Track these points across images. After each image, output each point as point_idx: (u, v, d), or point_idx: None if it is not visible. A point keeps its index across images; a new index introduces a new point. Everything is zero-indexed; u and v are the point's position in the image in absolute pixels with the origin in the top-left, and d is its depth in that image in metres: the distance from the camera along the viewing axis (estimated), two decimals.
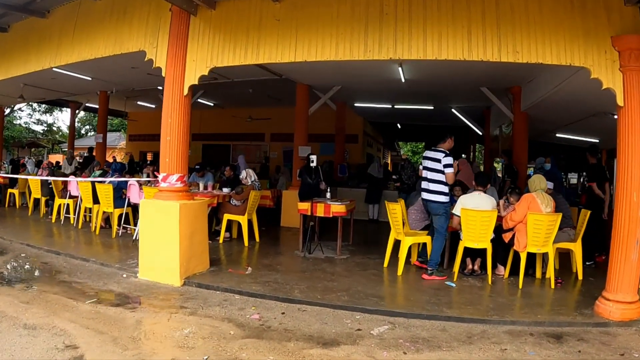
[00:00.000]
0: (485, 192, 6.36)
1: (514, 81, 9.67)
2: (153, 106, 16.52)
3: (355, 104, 13.44)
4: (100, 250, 7.14)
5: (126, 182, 7.88)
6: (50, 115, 28.63)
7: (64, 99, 15.94)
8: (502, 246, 6.24)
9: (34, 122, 27.61)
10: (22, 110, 26.53)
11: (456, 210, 6.17)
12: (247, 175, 7.86)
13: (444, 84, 9.76)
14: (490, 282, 5.90)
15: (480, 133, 14.14)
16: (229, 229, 7.96)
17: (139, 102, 16.03)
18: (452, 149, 6.25)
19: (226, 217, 7.62)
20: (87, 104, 16.07)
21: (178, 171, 5.62)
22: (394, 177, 13.63)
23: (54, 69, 10.09)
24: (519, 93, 10.04)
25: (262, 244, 7.90)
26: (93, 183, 8.16)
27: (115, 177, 7.96)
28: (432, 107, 13.40)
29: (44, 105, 25.69)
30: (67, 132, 22.14)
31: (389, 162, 25.19)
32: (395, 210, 6.42)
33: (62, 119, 31.11)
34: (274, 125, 16.32)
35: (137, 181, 7.92)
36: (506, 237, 6.21)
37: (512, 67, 8.39)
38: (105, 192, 7.81)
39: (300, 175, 9.20)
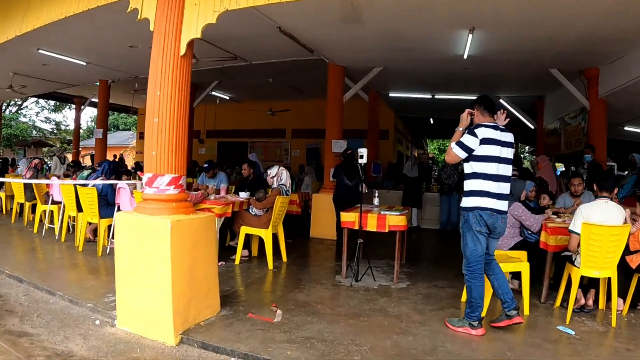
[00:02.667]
0: (612, 200, 4.27)
1: (590, 61, 7.58)
2: None
3: (391, 94, 11.31)
4: (75, 277, 5.11)
5: (112, 185, 5.86)
6: (60, 112, 26.70)
7: (68, 94, 14.14)
8: (622, 273, 4.20)
9: (42, 120, 25.84)
10: (31, 109, 24.91)
11: (575, 225, 4.09)
12: (277, 176, 5.74)
13: (511, 61, 7.59)
14: (614, 323, 3.94)
15: (533, 127, 11.92)
16: (247, 245, 5.89)
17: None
18: None
19: (244, 230, 5.56)
20: (92, 99, 14.26)
21: (171, 171, 3.58)
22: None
23: (40, 51, 8.34)
24: (596, 76, 7.95)
25: (290, 265, 5.80)
26: (77, 187, 6.17)
27: (101, 180, 5.91)
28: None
29: (52, 102, 23.93)
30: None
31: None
32: None
33: (72, 117, 29.26)
34: (295, 120, 14.27)
35: (130, 185, 5.88)
36: (633, 261, 4.24)
37: (595, 42, 6.37)
38: (89, 197, 5.82)
39: (335, 175, 7.12)
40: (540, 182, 6.08)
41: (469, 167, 3.58)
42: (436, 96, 11.09)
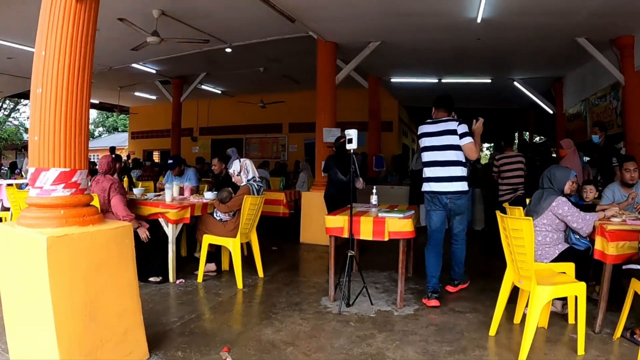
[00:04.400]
0: None
1: (625, 27, 6.33)
2: (154, 97, 13.61)
3: (392, 79, 10.05)
4: None
5: None
6: None
7: None
8: None
9: None
10: (24, 112, 23.87)
11: None
12: (242, 170, 4.57)
13: (532, 28, 6.31)
14: None
15: (551, 112, 10.61)
16: (215, 257, 4.72)
17: (136, 93, 13.15)
18: None
19: (206, 240, 4.37)
20: None
21: (60, 163, 2.41)
22: None
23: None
24: (631, 45, 6.70)
25: (268, 282, 4.58)
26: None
27: None
28: (489, 80, 9.96)
29: None
30: None
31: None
32: (519, 231, 2.93)
33: None
34: (292, 113, 13.09)
35: None
36: None
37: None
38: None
39: (326, 170, 5.91)
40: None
41: None
42: (443, 80, 9.82)
